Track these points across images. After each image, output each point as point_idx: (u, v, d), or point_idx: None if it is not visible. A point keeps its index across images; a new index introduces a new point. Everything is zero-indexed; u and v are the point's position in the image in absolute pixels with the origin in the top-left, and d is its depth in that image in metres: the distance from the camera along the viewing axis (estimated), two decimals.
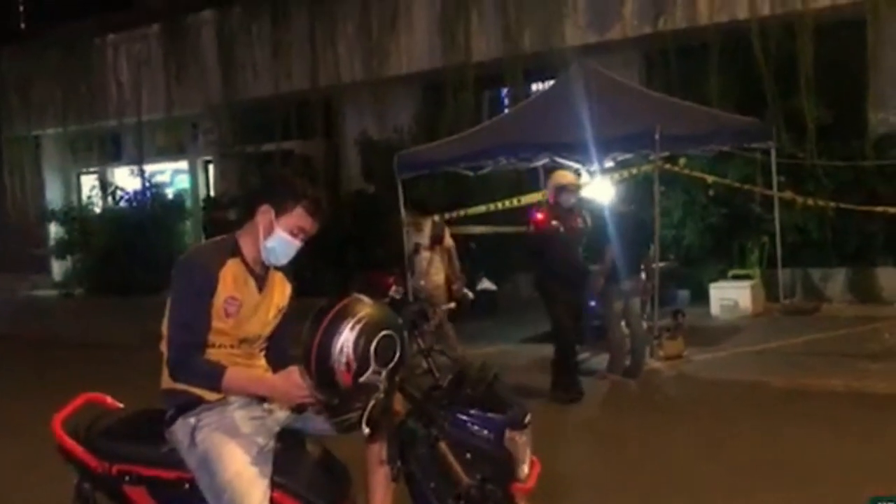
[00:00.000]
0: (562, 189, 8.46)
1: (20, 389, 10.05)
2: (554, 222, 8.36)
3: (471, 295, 9.66)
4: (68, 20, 20.68)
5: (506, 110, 14.49)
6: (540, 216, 8.55)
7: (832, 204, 11.43)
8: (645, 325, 9.28)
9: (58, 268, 21.69)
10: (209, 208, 18.26)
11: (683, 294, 12.30)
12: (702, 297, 12.08)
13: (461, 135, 11.61)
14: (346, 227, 14.48)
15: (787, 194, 11.71)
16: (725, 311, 11.73)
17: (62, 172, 22.49)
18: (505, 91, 15.42)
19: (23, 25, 23.53)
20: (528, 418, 3.55)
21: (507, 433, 3.46)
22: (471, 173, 11.72)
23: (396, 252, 10.94)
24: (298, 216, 3.52)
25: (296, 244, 3.56)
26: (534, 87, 14.57)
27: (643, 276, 9.07)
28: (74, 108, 20.43)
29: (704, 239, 12.52)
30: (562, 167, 9.76)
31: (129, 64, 19.71)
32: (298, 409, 3.49)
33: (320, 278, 12.07)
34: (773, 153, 11.67)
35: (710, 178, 11.92)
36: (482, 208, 12.18)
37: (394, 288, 9.47)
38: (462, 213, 12.05)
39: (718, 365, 9.27)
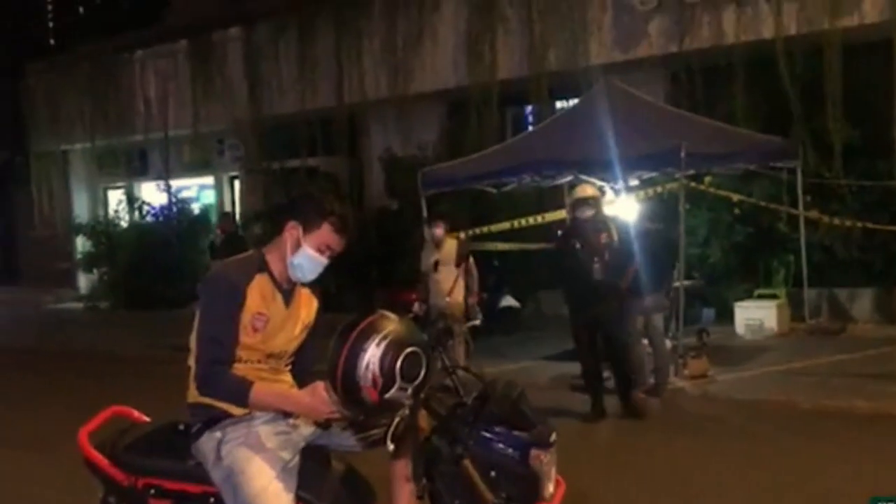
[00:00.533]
0: (578, 202, 8.39)
1: (46, 402, 10.13)
2: (573, 239, 8.30)
3: (479, 319, 9.53)
4: (97, 36, 20.96)
5: (530, 128, 14.50)
6: (560, 232, 8.53)
7: (858, 224, 11.36)
8: (669, 343, 9.24)
9: (84, 281, 21.89)
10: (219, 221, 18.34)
11: (708, 313, 12.25)
12: (727, 316, 12.01)
13: (485, 152, 11.63)
14: (370, 244, 14.51)
15: (813, 214, 11.65)
16: (751, 330, 11.65)
17: (89, 187, 22.71)
18: (529, 109, 15.45)
19: (52, 41, 23.85)
20: (553, 437, 3.54)
21: (533, 452, 3.45)
22: (494, 190, 11.75)
23: (419, 269, 10.96)
24: (325, 233, 3.53)
25: (322, 261, 3.57)
26: (558, 104, 14.59)
27: (668, 293, 9.03)
28: (102, 123, 20.63)
29: (730, 258, 12.46)
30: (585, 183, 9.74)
31: (157, 80, 19.88)
32: (324, 424, 3.50)
33: (343, 294, 12.13)
34: (799, 172, 11.61)
35: (735, 197, 11.88)
36: (506, 225, 12.18)
37: (417, 305, 9.49)
38: (485, 229, 12.05)
39: (743, 385, 9.19)
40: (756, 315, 11.76)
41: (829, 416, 7.93)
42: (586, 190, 8.61)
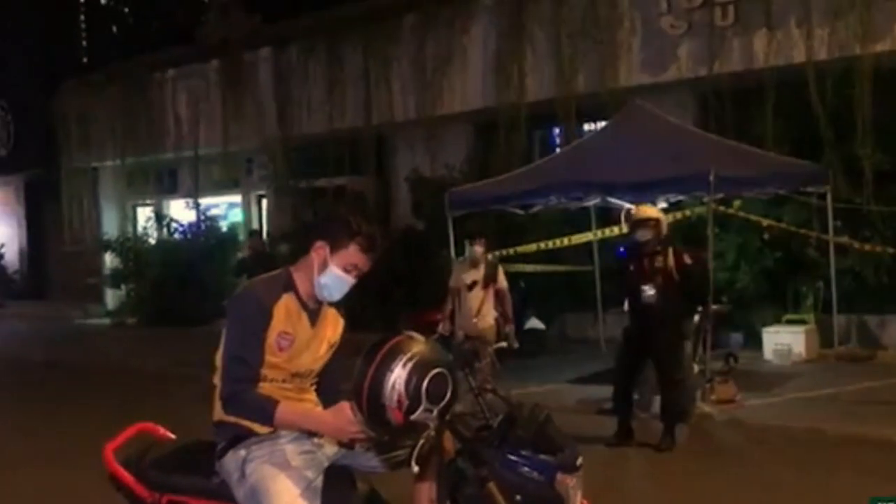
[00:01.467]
0: (637, 224, 8.09)
1: (72, 417, 10.17)
2: (627, 260, 8.13)
3: (516, 344, 9.42)
4: (129, 55, 21.19)
5: (557, 150, 14.50)
6: (621, 249, 8.41)
7: (889, 249, 11.24)
8: (696, 368, 9.16)
9: (111, 297, 22.02)
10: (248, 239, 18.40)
11: (736, 338, 12.15)
12: (755, 342, 11.90)
13: (513, 173, 11.64)
14: (395, 264, 14.51)
15: (843, 239, 11.55)
16: (779, 356, 11.54)
17: (119, 204, 22.90)
18: (557, 130, 15.44)
19: (85, 60, 24.12)
20: (579, 461, 3.50)
21: (559, 476, 3.42)
22: (521, 212, 11.73)
23: (445, 289, 10.95)
24: (353, 253, 3.53)
25: (349, 281, 3.57)
26: (586, 127, 14.58)
27: (695, 318, 8.94)
28: (133, 141, 20.85)
29: (758, 282, 12.36)
30: (617, 207, 9.69)
31: (188, 99, 20.07)
32: (348, 444, 3.49)
33: (368, 314, 12.11)
34: (829, 197, 11.52)
35: (765, 222, 11.80)
36: (532, 247, 12.15)
37: (442, 325, 9.43)
38: (511, 251, 12.03)
39: (771, 410, 9.10)
40: (784, 340, 11.65)
41: (857, 444, 7.82)
42: (647, 211, 8.30)
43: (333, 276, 3.54)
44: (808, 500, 6.36)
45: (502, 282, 9.33)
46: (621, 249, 8.44)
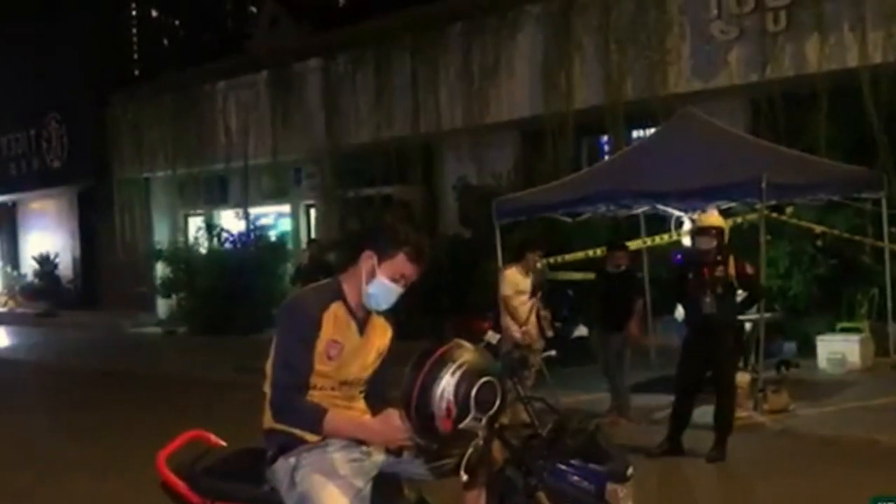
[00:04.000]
0: (699, 231, 8.05)
1: (124, 424, 10.30)
2: (686, 268, 8.08)
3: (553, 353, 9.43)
4: (180, 67, 21.48)
5: (605, 157, 14.42)
6: (679, 256, 8.33)
7: None
8: (748, 377, 9.05)
9: (162, 306, 22.29)
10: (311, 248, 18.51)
11: (789, 346, 11.96)
12: (808, 350, 11.72)
13: (561, 181, 11.57)
14: (442, 272, 14.52)
15: None
16: (833, 364, 11.34)
17: (170, 214, 23.19)
18: (605, 138, 15.35)
19: (136, 72, 24.49)
20: (630, 471, 3.47)
21: (609, 486, 3.39)
22: (569, 220, 11.67)
23: (492, 297, 10.91)
24: (401, 263, 3.54)
25: (397, 290, 3.58)
26: (634, 134, 14.48)
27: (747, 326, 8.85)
28: (184, 151, 21.10)
29: (812, 290, 12.17)
30: (667, 214, 9.60)
31: (238, 109, 20.27)
32: (396, 452, 3.48)
33: (414, 322, 12.09)
34: (884, 203, 11.31)
35: (818, 228, 11.62)
36: (580, 255, 12.07)
37: (489, 333, 9.44)
38: (559, 259, 11.97)
39: (825, 420, 8.95)
40: (838, 349, 11.45)
41: None
42: (710, 219, 8.23)
43: (381, 286, 3.54)
44: None
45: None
46: (678, 257, 8.36)
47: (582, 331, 12.86)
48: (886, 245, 11.34)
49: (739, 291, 8.15)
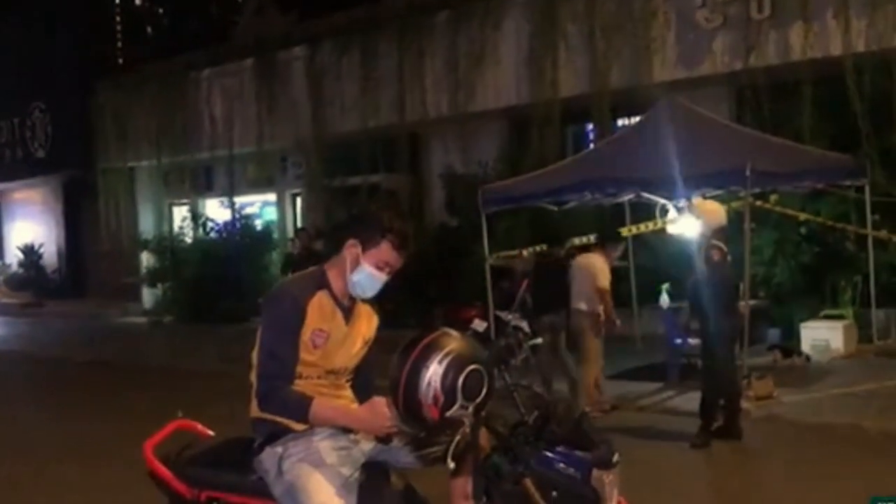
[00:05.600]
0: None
1: (111, 414, 10.31)
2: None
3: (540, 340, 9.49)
4: (164, 55, 21.36)
5: (591, 145, 14.44)
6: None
7: None
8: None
9: (148, 296, 22.23)
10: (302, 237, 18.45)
11: (774, 333, 12.04)
12: (793, 337, 11.79)
13: (546, 169, 11.60)
14: (429, 261, 14.53)
15: (882, 233, 11.41)
16: (817, 351, 11.42)
17: (155, 203, 23.09)
18: (590, 126, 15.37)
19: (120, 60, 24.35)
20: (616, 457, 3.49)
21: (595, 472, 3.41)
22: (555, 208, 11.70)
23: (479, 286, 10.95)
24: (385, 250, 3.54)
25: (382, 278, 3.58)
26: (620, 122, 14.50)
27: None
28: (169, 140, 21.01)
29: (796, 277, 12.25)
30: (652, 202, 9.62)
31: (223, 98, 20.19)
32: (384, 439, 3.50)
33: (402, 311, 12.14)
34: (868, 190, 11.39)
35: (802, 216, 11.68)
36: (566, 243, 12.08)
37: (476, 321, 9.45)
38: (546, 247, 11.98)
39: (810, 407, 9.01)
40: (822, 336, 11.53)
41: None
42: (706, 205, 8.50)
43: (366, 274, 3.55)
44: (844, 497, 6.29)
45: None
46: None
47: None
48: (869, 232, 11.42)
49: None
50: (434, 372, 3.12)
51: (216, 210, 21.20)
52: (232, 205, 20.56)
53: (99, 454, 8.15)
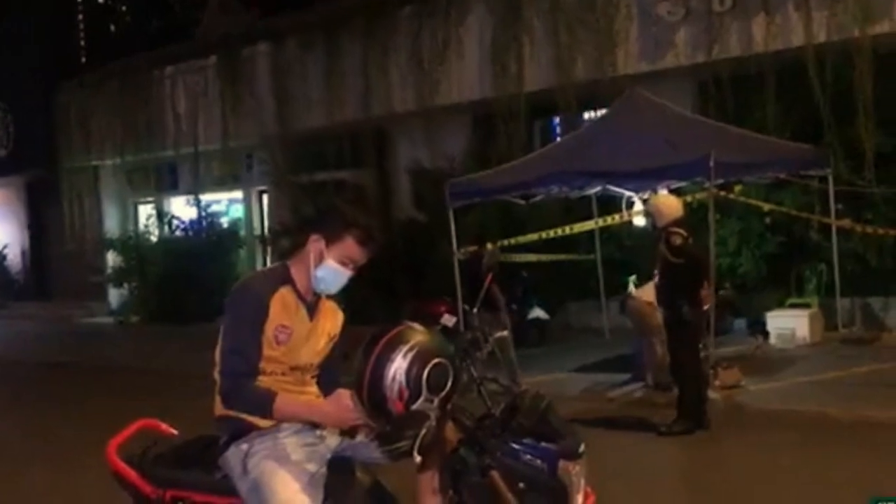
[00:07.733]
0: None
1: (75, 415, 10.20)
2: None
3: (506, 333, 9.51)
4: (127, 53, 21.16)
5: (557, 139, 14.45)
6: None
7: (891, 231, 11.21)
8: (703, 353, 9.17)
9: (114, 295, 22.03)
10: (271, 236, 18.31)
11: (739, 323, 12.14)
12: (758, 326, 11.89)
13: (513, 163, 11.60)
14: (397, 256, 14.51)
15: (846, 222, 11.52)
16: (783, 340, 11.53)
17: (120, 202, 22.88)
18: (556, 120, 15.40)
19: (83, 59, 24.08)
20: (582, 448, 3.51)
21: (561, 463, 3.42)
22: (522, 202, 11.72)
23: (448, 280, 10.94)
24: (348, 245, 3.51)
25: (346, 273, 3.56)
26: (586, 115, 14.53)
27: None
28: (132, 138, 20.78)
29: (761, 267, 12.35)
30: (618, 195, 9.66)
31: (187, 95, 20.02)
32: (349, 433, 3.49)
33: (370, 306, 12.10)
34: (831, 180, 11.51)
35: (766, 206, 11.77)
36: (534, 237, 12.13)
37: (446, 316, 9.48)
38: (513, 241, 12.01)
39: (776, 395, 9.09)
40: (788, 325, 11.63)
41: (864, 427, 7.81)
42: (663, 199, 8.64)
43: (330, 269, 3.52)
44: (811, 484, 6.35)
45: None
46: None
47: (538, 312, 12.99)
48: (833, 221, 11.53)
49: None
50: (398, 366, 3.12)
51: (182, 208, 21.04)
52: (198, 202, 20.41)
53: (62, 457, 8.08)
